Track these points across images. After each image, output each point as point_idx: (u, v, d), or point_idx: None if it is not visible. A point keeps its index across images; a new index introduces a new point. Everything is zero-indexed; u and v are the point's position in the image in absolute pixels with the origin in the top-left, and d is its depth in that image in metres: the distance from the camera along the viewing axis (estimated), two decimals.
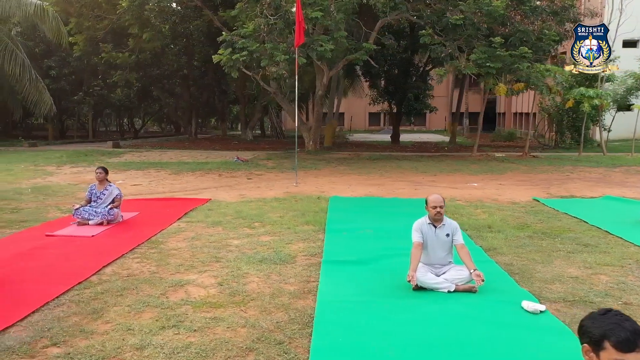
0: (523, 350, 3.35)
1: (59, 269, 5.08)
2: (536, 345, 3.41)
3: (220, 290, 4.53)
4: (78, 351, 3.32)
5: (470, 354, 3.28)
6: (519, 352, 3.31)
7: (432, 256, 4.61)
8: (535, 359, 3.24)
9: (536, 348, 3.37)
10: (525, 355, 3.27)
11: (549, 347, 3.38)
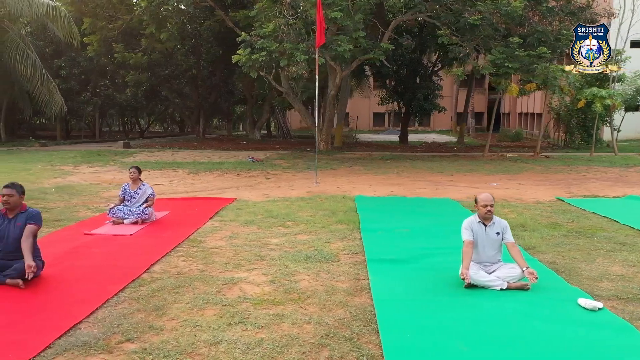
0: (588, 346, 3.40)
1: (109, 267, 5.13)
2: (601, 342, 3.46)
3: (274, 287, 4.58)
4: (154, 347, 3.37)
5: (538, 351, 3.33)
6: (584, 349, 3.36)
7: (482, 254, 4.66)
8: (602, 356, 3.29)
9: (601, 344, 3.42)
10: (591, 352, 3.32)
11: (613, 343, 3.44)
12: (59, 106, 22.38)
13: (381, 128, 50.77)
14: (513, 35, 12.72)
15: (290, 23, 12.41)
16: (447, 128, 47.64)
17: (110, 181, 12.10)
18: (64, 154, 18.67)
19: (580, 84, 19.38)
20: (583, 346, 3.40)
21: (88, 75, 26.19)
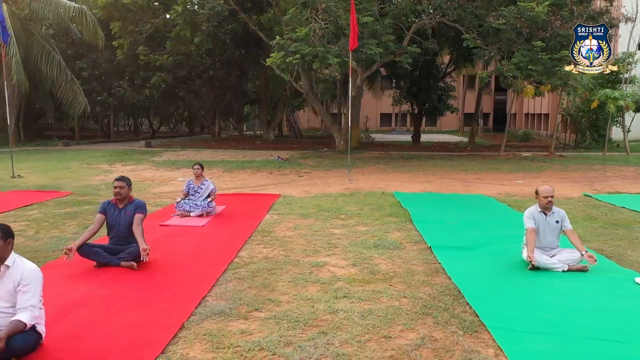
0: None
1: (201, 253, 5.67)
2: None
3: (358, 270, 5.12)
4: (281, 315, 3.92)
5: (607, 319, 3.86)
6: None
7: (543, 240, 5.21)
8: None
9: None
10: None
11: None
12: (83, 106, 22.94)
13: (388, 128, 51.20)
14: (535, 39, 13.29)
15: (323, 27, 12.97)
16: (454, 128, 48.14)
17: (152, 178, 12.65)
18: (92, 153, 19.21)
19: (593, 85, 19.93)
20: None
21: (108, 77, 26.74)
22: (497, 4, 13.50)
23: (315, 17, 13.33)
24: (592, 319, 3.85)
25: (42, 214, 8.02)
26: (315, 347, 3.35)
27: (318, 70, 13.58)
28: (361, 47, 12.73)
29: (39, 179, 12.18)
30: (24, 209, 8.43)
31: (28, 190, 10.42)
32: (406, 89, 25.96)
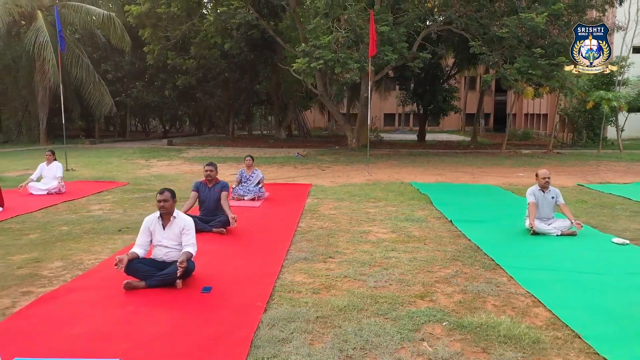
0: (617, 261, 5.32)
1: (268, 225, 7.08)
2: (626, 260, 5.40)
3: (397, 235, 6.55)
4: (350, 259, 5.33)
5: (588, 263, 5.27)
6: (615, 263, 5.27)
7: (542, 212, 6.63)
8: (625, 266, 5.21)
9: (626, 261, 5.35)
10: (619, 264, 5.23)
11: (632, 259, 5.38)
12: (109, 107, 24.37)
13: (392, 128, 52.60)
14: (535, 46, 14.73)
15: (344, 36, 14.40)
16: (456, 128, 49.54)
17: (190, 171, 14.07)
18: (122, 151, 20.61)
19: (589, 87, 21.38)
20: (615, 261, 5.33)
21: (130, 79, 28.18)
22: (501, 14, 14.96)
23: (337, 26, 14.76)
24: (577, 262, 5.28)
25: (117, 198, 9.44)
26: (381, 276, 4.77)
27: (339, 74, 15.02)
28: (378, 54, 14.16)
29: (90, 172, 13.58)
30: (97, 195, 9.85)
31: (89, 180, 11.83)
32: (412, 91, 27.39)
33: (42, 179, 9.97)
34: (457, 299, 4.20)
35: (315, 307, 3.94)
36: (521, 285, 4.52)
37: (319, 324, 3.64)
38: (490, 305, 4.05)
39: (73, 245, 5.95)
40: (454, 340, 3.41)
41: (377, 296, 4.21)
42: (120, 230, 6.73)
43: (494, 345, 3.32)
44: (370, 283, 4.56)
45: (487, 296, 4.27)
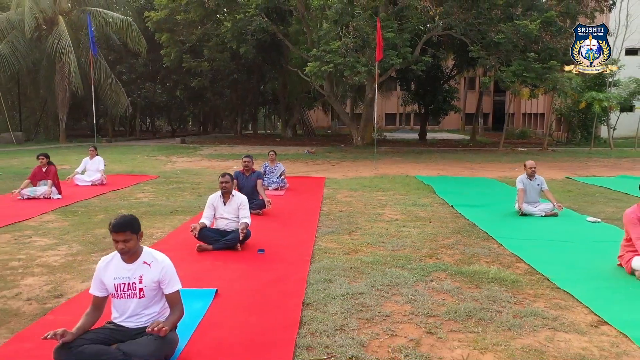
0: (591, 235, 6.51)
1: (296, 209, 8.27)
2: (598, 234, 6.59)
3: (407, 216, 7.73)
4: (370, 232, 6.50)
5: (568, 236, 6.46)
6: (589, 236, 6.45)
7: (529, 197, 7.81)
8: (598, 238, 6.40)
9: (598, 235, 6.54)
10: (593, 238, 6.41)
11: (603, 234, 6.57)
12: (124, 107, 25.57)
13: (393, 127, 53.77)
14: (529, 51, 15.93)
15: (353, 41, 15.60)
16: (456, 128, 50.71)
17: (211, 167, 15.25)
18: (140, 149, 21.77)
19: (582, 88, 22.57)
20: (585, 234, 6.52)
21: (143, 80, 29.40)
22: (497, 21, 16.15)
23: (346, 32, 15.95)
24: (555, 234, 6.48)
25: (155, 189, 10.62)
26: (396, 243, 5.96)
27: (348, 77, 16.22)
28: (384, 57, 15.35)
29: (120, 167, 14.75)
30: (136, 185, 11.04)
31: (122, 174, 13.00)
32: (413, 91, 28.59)
33: (86, 171, 11.16)
34: (457, 257, 5.39)
35: (348, 262, 5.14)
36: (508, 249, 5.71)
37: (353, 271, 4.83)
38: (483, 261, 5.24)
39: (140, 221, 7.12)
40: (454, 280, 4.60)
41: (395, 256, 5.40)
42: (171, 212, 7.92)
43: (485, 283, 4.51)
44: (388, 247, 5.76)
45: (480, 256, 5.46)
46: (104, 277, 3.07)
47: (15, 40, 22.65)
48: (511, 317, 3.72)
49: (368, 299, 4.08)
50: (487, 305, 3.97)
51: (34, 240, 6.03)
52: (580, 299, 4.10)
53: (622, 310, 3.87)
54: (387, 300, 4.09)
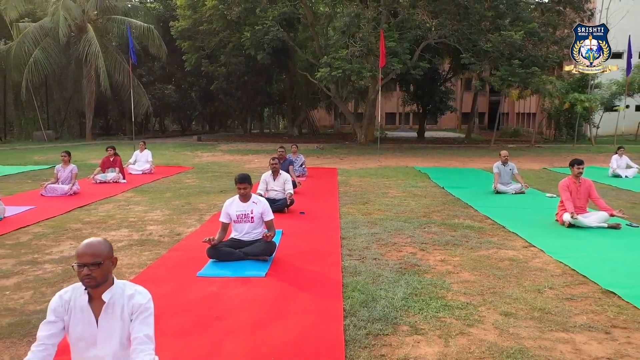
0: (545, 203, 8.62)
1: (320, 192, 10.39)
2: (552, 203, 8.71)
3: (407, 194, 9.85)
4: (379, 203, 8.62)
5: (527, 204, 8.57)
6: (542, 203, 8.57)
7: (503, 179, 9.95)
8: (550, 206, 8.49)
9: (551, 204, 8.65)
10: (544, 204, 8.52)
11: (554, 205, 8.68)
12: (146, 107, 27.67)
13: (393, 127, 55.86)
14: (514, 58, 18.07)
15: (359, 49, 17.73)
16: (453, 126, 52.84)
17: (235, 160, 17.36)
18: (164, 146, 23.85)
19: (566, 89, 24.71)
20: (542, 204, 8.62)
21: (160, 82, 31.55)
22: (486, 31, 18.27)
23: (353, 42, 18.08)
24: (518, 204, 8.60)
25: (196, 177, 12.73)
26: (399, 209, 8.07)
27: (355, 81, 18.33)
28: (387, 64, 17.49)
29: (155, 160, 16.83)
30: (179, 174, 13.14)
31: (162, 166, 15.09)
32: (412, 92, 30.72)
33: (137, 162, 13.27)
34: (443, 216, 7.52)
35: (365, 218, 7.26)
36: (480, 212, 7.85)
37: (370, 223, 6.95)
38: (461, 219, 7.37)
39: (198, 198, 9.25)
40: (440, 228, 6.72)
41: (399, 216, 7.52)
42: (221, 191, 10.04)
43: (460, 229, 6.63)
44: (393, 211, 7.89)
45: (460, 216, 7.59)
46: (229, 210, 5.19)
47: (48, 46, 24.74)
48: (473, 243, 5.86)
49: (382, 236, 6.21)
50: (459, 239, 6.11)
51: (132, 207, 8.16)
52: (521, 235, 6.24)
53: (546, 240, 6.00)
54: (395, 236, 6.22)
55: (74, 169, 9.58)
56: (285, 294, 4.16)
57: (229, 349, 3.17)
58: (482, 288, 4.30)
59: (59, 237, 6.09)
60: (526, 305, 3.89)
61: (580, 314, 3.72)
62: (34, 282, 4.42)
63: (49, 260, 5.11)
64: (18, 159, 17.11)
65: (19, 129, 26.71)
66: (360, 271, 4.74)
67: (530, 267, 4.96)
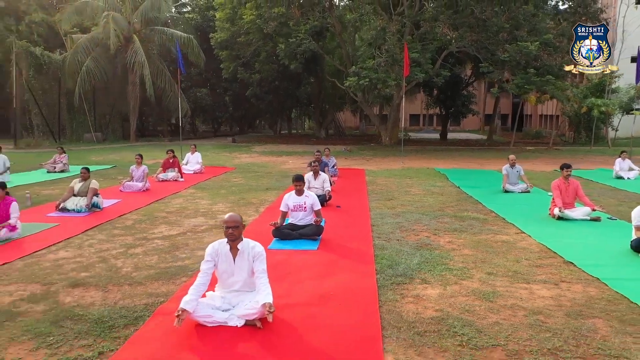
0: (545, 202, 10.07)
1: (352, 190, 12.04)
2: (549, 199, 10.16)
3: (426, 192, 11.40)
4: (404, 199, 10.23)
5: (529, 202, 10.04)
6: (543, 200, 10.02)
7: (511, 180, 11.43)
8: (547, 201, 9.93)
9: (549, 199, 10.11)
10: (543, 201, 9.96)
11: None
12: (185, 111, 29.74)
13: (416, 128, 57.08)
14: (530, 67, 19.37)
15: (385, 60, 19.33)
16: (476, 128, 53.80)
17: (271, 161, 19.14)
18: (202, 148, 25.81)
19: (584, 94, 25.76)
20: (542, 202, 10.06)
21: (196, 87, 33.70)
22: (504, 42, 19.62)
23: (379, 53, 19.66)
24: (522, 201, 10.08)
25: (241, 175, 14.52)
26: (419, 205, 9.64)
27: (381, 89, 19.91)
28: (410, 73, 19.02)
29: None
30: (225, 174, 14.96)
31: (207, 166, 16.94)
32: (435, 96, 32.09)
33: (188, 163, 15.15)
34: (455, 210, 9.08)
35: (390, 211, 8.87)
36: (487, 207, 9.38)
37: (394, 215, 8.57)
38: (470, 212, 8.92)
39: (249, 194, 11.00)
40: (451, 219, 8.29)
41: (418, 210, 9.11)
42: (267, 188, 11.78)
43: (467, 220, 8.20)
44: (414, 206, 9.48)
45: (469, 210, 9.14)
46: (288, 202, 6.89)
47: (98, 55, 27.03)
48: (476, 230, 7.43)
49: (404, 224, 7.82)
50: (466, 227, 7.68)
51: (198, 201, 9.96)
52: (516, 225, 7.78)
53: (535, 228, 7.53)
54: (414, 225, 7.83)
55: (145, 169, 11.47)
56: (332, 261, 5.83)
57: (299, 292, 4.83)
58: (475, 259, 5.89)
59: (153, 222, 7.90)
60: (505, 269, 5.47)
61: (542, 274, 5.29)
62: (154, 251, 6.20)
63: (156, 237, 6.90)
64: (79, 160, 19.23)
65: (71, 131, 29.07)
66: (386, 247, 6.38)
67: (516, 247, 6.52)
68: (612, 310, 4.31)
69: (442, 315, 4.19)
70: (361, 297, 4.60)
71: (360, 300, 4.52)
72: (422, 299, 4.56)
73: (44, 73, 27.38)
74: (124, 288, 4.85)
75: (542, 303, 4.47)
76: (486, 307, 4.37)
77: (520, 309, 4.32)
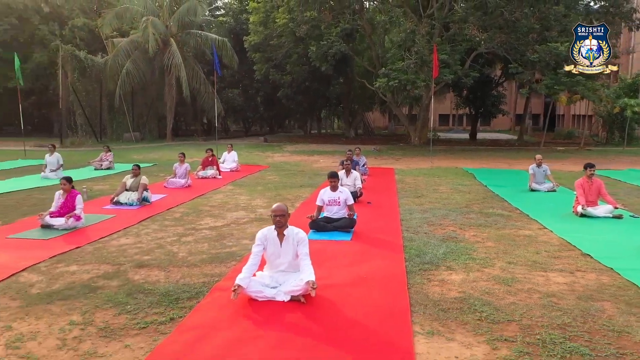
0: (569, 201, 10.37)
1: (383, 188, 12.56)
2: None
3: (453, 190, 11.82)
4: (432, 197, 10.69)
5: (554, 200, 10.35)
6: (568, 201, 10.32)
7: (537, 179, 11.73)
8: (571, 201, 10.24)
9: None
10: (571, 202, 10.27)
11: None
12: (219, 110, 30.72)
13: (445, 128, 56.98)
14: (560, 68, 19.45)
15: (414, 61, 19.74)
16: (506, 128, 53.35)
17: (302, 160, 19.80)
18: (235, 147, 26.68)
19: (617, 94, 25.53)
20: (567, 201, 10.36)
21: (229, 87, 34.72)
22: (533, 43, 19.75)
23: (408, 55, 20.08)
24: (547, 199, 10.42)
25: (275, 174, 15.20)
26: (447, 202, 10.11)
27: (410, 90, 20.35)
28: (439, 74, 19.38)
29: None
30: (260, 172, 15.67)
31: (242, 164, 17.71)
32: (465, 96, 32.20)
33: (225, 162, 15.93)
34: (481, 207, 9.51)
35: (419, 207, 9.37)
36: (512, 204, 9.77)
37: (422, 211, 9.06)
38: (496, 209, 9.33)
39: (284, 191, 11.65)
40: (477, 215, 8.74)
41: (445, 206, 9.58)
42: (301, 186, 12.42)
43: (492, 216, 8.63)
44: (442, 203, 9.95)
45: (495, 207, 9.55)
46: (323, 197, 7.48)
47: (138, 58, 28.25)
48: (500, 225, 7.87)
49: (431, 219, 8.32)
50: (490, 222, 8.12)
51: (237, 196, 10.67)
52: (539, 221, 8.17)
53: (557, 224, 7.92)
54: (441, 220, 8.31)
55: (188, 167, 12.26)
56: (365, 250, 6.39)
57: (336, 275, 5.42)
58: (498, 251, 6.36)
59: (199, 214, 8.63)
60: (524, 259, 5.93)
61: (559, 264, 5.73)
62: (203, 239, 6.89)
63: (204, 228, 7.60)
64: (121, 158, 20.30)
65: (111, 131, 30.44)
66: (414, 239, 6.90)
67: (538, 240, 6.94)
68: (621, 295, 4.75)
69: (464, 296, 4.71)
70: (392, 280, 5.16)
71: (390, 283, 5.08)
72: (446, 283, 5.08)
73: (87, 76, 28.78)
74: (182, 269, 5.53)
75: (556, 288, 4.93)
76: (505, 290, 4.87)
77: (536, 292, 4.80)
